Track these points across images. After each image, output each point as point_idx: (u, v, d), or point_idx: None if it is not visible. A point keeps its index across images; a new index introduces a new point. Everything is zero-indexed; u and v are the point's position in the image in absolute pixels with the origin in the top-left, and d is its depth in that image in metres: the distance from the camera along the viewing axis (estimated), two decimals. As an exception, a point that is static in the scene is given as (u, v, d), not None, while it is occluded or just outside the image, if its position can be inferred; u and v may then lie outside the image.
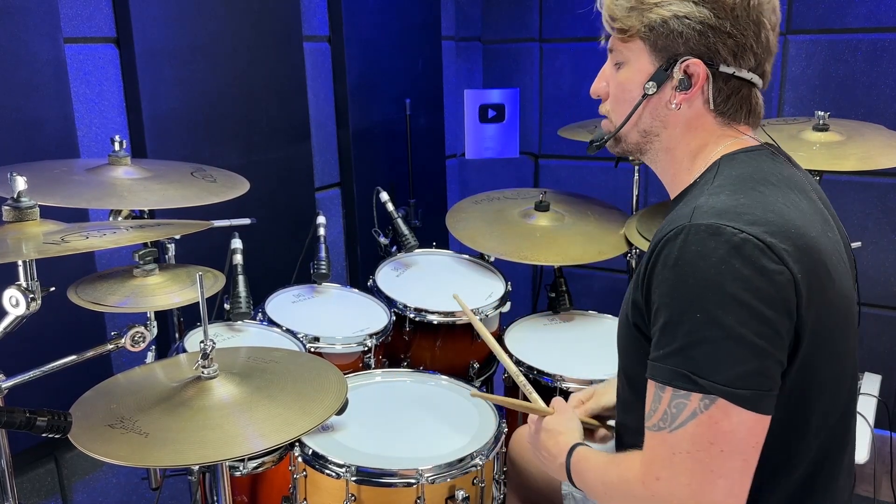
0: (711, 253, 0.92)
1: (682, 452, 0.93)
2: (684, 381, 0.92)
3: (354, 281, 2.68)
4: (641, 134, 1.15)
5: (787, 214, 0.97)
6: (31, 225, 1.17)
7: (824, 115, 1.95)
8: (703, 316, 0.91)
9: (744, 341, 0.90)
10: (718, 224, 0.93)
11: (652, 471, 0.97)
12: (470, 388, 1.70)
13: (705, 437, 0.92)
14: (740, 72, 1.06)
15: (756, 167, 1.05)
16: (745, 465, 0.93)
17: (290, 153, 2.34)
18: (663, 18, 1.05)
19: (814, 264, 0.95)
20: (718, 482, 0.92)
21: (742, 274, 0.90)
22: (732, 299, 0.90)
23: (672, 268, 0.94)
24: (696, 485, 0.93)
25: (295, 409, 1.20)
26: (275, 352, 1.47)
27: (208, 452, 1.09)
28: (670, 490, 0.95)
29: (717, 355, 0.90)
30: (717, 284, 0.90)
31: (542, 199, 2.29)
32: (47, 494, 1.83)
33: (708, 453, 0.92)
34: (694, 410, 0.92)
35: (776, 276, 0.91)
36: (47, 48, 1.65)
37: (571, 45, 3.10)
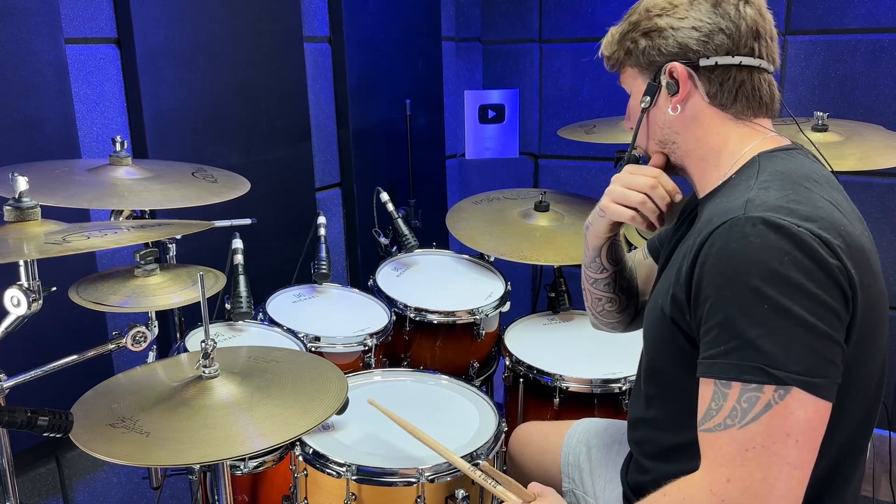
0: (773, 244, 0.91)
1: (756, 447, 0.90)
2: (757, 374, 0.89)
3: (355, 281, 2.69)
4: (661, 145, 1.18)
5: (833, 212, 0.97)
6: (33, 225, 1.17)
7: (823, 115, 1.96)
8: (770, 307, 0.89)
9: (815, 330, 0.89)
10: (777, 218, 0.92)
11: (720, 474, 0.92)
12: (470, 388, 1.71)
13: (781, 429, 0.89)
14: (722, 59, 1.08)
15: (798, 164, 1.05)
16: (813, 453, 0.92)
17: (291, 153, 2.34)
18: (634, 40, 1.14)
19: (862, 261, 0.96)
20: (794, 473, 0.90)
21: (806, 265, 0.90)
22: (799, 289, 0.89)
23: (729, 260, 0.92)
24: (773, 478, 0.89)
25: (295, 409, 1.20)
26: (275, 351, 1.47)
27: (209, 452, 1.09)
28: (744, 489, 0.90)
29: (791, 344, 0.88)
30: (782, 275, 0.89)
31: (542, 199, 2.29)
32: (48, 494, 1.83)
33: (784, 445, 0.89)
34: (768, 402, 0.89)
35: (835, 270, 0.91)
36: (48, 48, 1.65)
37: (571, 46, 3.11)
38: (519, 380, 1.88)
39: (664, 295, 1.06)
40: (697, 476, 0.96)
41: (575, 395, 1.78)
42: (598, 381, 1.77)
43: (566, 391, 1.79)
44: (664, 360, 1.10)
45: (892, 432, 2.39)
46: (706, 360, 0.95)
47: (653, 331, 1.13)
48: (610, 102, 3.03)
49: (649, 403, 1.18)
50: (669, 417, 1.12)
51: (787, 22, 2.64)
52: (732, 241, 0.93)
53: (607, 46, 1.19)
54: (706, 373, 0.95)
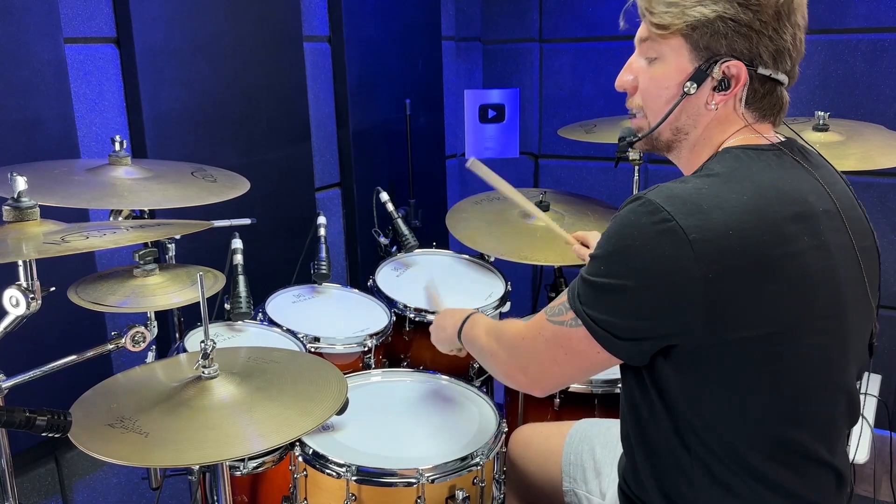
0: (640, 221, 0.99)
1: (546, 337, 1.13)
2: (572, 300, 1.07)
3: (354, 281, 2.68)
4: (674, 132, 1.15)
5: (739, 213, 0.97)
6: (32, 225, 1.17)
7: (824, 115, 1.96)
8: (606, 266, 1.02)
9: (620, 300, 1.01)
10: (660, 205, 0.98)
11: (525, 336, 1.19)
12: (470, 388, 1.70)
13: (564, 342, 1.09)
14: (777, 74, 1.07)
15: (742, 162, 1.05)
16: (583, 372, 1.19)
17: (291, 153, 2.34)
18: (707, 18, 1.03)
19: (749, 264, 0.96)
20: (554, 369, 1.15)
21: (652, 250, 0.97)
22: (629, 265, 0.99)
23: (616, 219, 1.03)
24: (539, 362, 1.16)
25: (295, 410, 1.20)
26: (275, 352, 1.47)
27: (208, 452, 1.08)
28: (524, 352, 1.19)
29: (598, 296, 1.03)
30: (628, 247, 0.99)
31: (542, 199, 2.29)
32: (47, 494, 1.83)
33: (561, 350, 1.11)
34: (569, 321, 1.08)
35: (684, 269, 0.95)
36: (47, 48, 1.65)
37: (571, 45, 3.11)
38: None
39: None
40: (519, 324, 1.23)
41: (575, 395, 1.78)
42: (599, 382, 1.77)
43: (566, 391, 1.78)
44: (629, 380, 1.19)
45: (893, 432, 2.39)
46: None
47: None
48: (610, 102, 3.03)
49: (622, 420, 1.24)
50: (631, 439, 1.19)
51: (788, 22, 2.63)
52: (626, 209, 1.02)
53: (662, 3, 1.07)
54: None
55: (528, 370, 1.20)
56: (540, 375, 1.18)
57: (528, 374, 1.20)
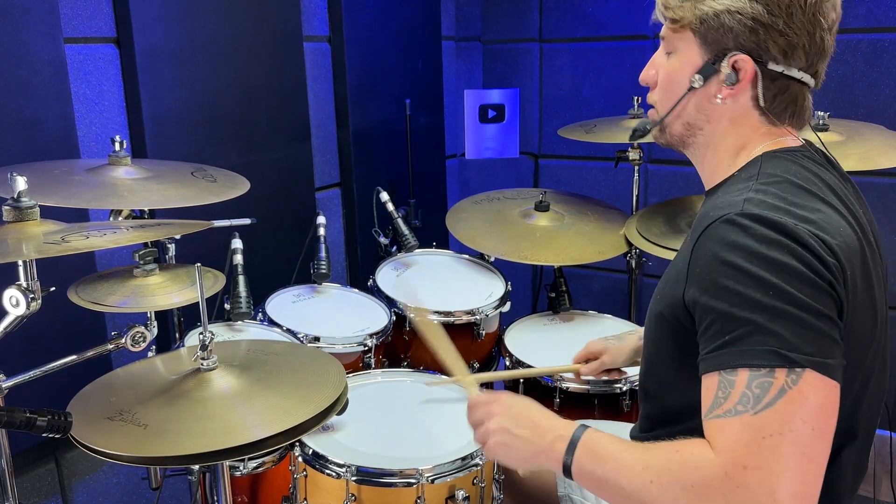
0: (772, 238, 0.90)
1: (774, 435, 0.85)
2: (767, 358, 0.86)
3: (354, 281, 2.68)
4: (685, 126, 1.15)
5: (832, 215, 0.98)
6: (32, 225, 1.17)
7: (824, 115, 1.96)
8: (774, 292, 0.88)
9: (820, 313, 0.88)
10: (774, 216, 0.92)
11: (737, 460, 0.86)
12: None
13: (798, 416, 0.85)
14: (790, 70, 1.06)
15: (797, 169, 1.04)
16: (828, 445, 0.88)
17: (291, 153, 2.34)
18: (716, 11, 1.04)
19: (855, 264, 0.96)
20: (809, 466, 0.86)
21: (804, 256, 0.90)
22: (799, 276, 0.88)
23: (728, 251, 0.92)
24: (791, 471, 0.85)
25: (294, 399, 1.20)
26: (275, 345, 1.47)
27: (207, 442, 1.08)
28: (761, 480, 0.85)
29: (799, 327, 0.87)
30: (781, 262, 0.89)
31: (542, 199, 2.29)
32: (47, 494, 1.83)
33: (801, 433, 0.85)
34: (782, 387, 0.86)
35: (832, 266, 0.91)
36: (47, 48, 1.65)
37: (571, 45, 3.10)
38: (519, 380, 1.88)
39: (663, 293, 1.06)
40: (712, 455, 0.89)
41: (575, 395, 1.78)
42: (599, 382, 1.77)
43: (566, 391, 1.78)
44: (661, 357, 1.09)
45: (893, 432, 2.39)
46: (709, 353, 0.92)
47: (651, 329, 1.12)
48: (610, 102, 3.02)
49: (646, 398, 1.18)
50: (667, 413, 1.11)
51: (788, 22, 2.63)
52: (731, 233, 0.92)
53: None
54: (710, 367, 0.92)
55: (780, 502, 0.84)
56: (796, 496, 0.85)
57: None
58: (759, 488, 0.85)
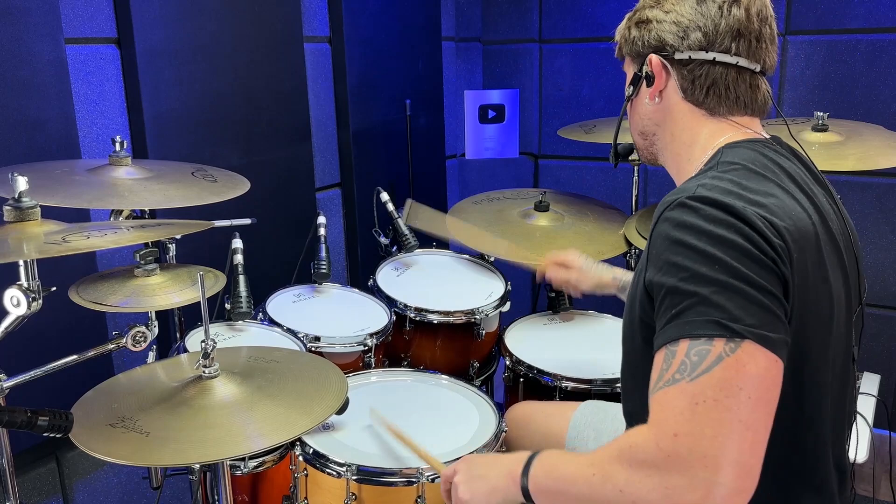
0: (721, 217, 0.93)
1: (707, 400, 0.84)
2: (707, 328, 0.86)
3: (355, 281, 2.69)
4: (642, 136, 1.23)
5: (786, 199, 0.99)
6: (33, 225, 1.17)
7: (823, 115, 1.96)
8: (720, 267, 0.89)
9: (764, 289, 0.89)
10: (725, 200, 0.94)
11: (667, 428, 0.86)
12: (470, 387, 1.71)
13: (734, 382, 0.84)
14: (696, 54, 1.09)
15: (755, 156, 1.06)
16: (768, 417, 0.87)
17: (291, 153, 2.34)
18: (629, 29, 1.18)
19: (806, 249, 0.97)
20: (747, 434, 0.84)
21: (751, 236, 0.91)
22: (747, 253, 0.90)
23: (678, 231, 0.94)
24: (724, 436, 0.83)
25: (296, 409, 1.20)
26: (276, 352, 1.48)
27: (209, 451, 1.09)
28: (692, 446, 0.83)
29: (743, 300, 0.87)
30: (729, 240, 0.90)
31: (542, 199, 2.30)
32: (48, 494, 1.83)
33: (737, 400, 0.84)
34: (719, 354, 0.85)
35: (777, 247, 0.92)
36: (48, 49, 1.65)
37: (571, 46, 3.11)
38: (519, 380, 1.88)
39: (635, 286, 1.08)
40: (644, 428, 0.89)
41: (575, 395, 1.78)
42: (598, 382, 1.77)
43: (566, 391, 1.78)
44: (634, 352, 1.11)
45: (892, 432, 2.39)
46: (659, 331, 0.93)
47: (625, 325, 1.15)
48: (610, 102, 3.03)
49: (627, 396, 1.21)
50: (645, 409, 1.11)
51: (787, 22, 2.64)
52: (682, 215, 0.95)
53: (617, 33, 1.23)
54: (658, 344, 0.92)
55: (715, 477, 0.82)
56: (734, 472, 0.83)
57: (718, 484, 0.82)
58: (691, 455, 0.83)
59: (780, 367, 0.89)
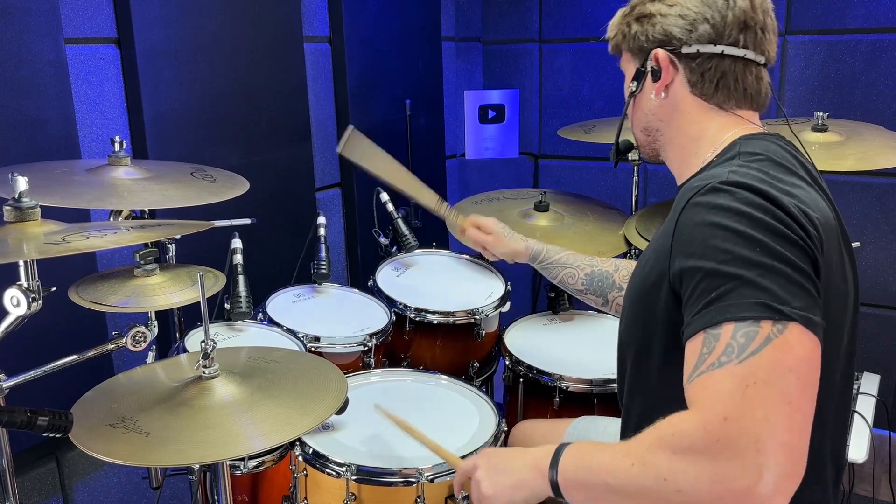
0: (758, 202, 0.91)
1: (758, 383, 0.81)
2: (754, 310, 0.84)
3: (354, 281, 2.69)
4: (645, 133, 1.21)
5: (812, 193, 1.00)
6: (32, 225, 1.17)
7: (823, 115, 1.96)
8: (762, 249, 0.87)
9: (806, 273, 0.88)
10: (759, 186, 0.93)
11: (716, 412, 0.82)
12: (470, 387, 1.71)
13: (784, 364, 0.82)
14: (705, 48, 1.09)
15: (776, 148, 1.07)
16: (813, 400, 0.84)
17: (291, 153, 2.34)
18: (629, 24, 1.16)
19: (832, 241, 0.98)
20: (796, 417, 0.82)
21: (789, 222, 0.90)
22: (786, 237, 0.89)
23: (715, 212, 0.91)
24: (776, 418, 0.80)
25: (296, 409, 1.20)
26: (275, 352, 1.48)
27: (209, 452, 1.09)
28: (743, 429, 0.80)
29: (789, 282, 0.86)
30: (770, 224, 0.89)
31: (542, 199, 2.30)
32: (48, 494, 1.83)
33: (787, 381, 0.82)
34: (768, 336, 0.83)
35: (812, 235, 0.92)
36: (48, 49, 1.65)
37: (571, 46, 3.11)
38: (519, 380, 1.88)
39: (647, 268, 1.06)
40: (689, 414, 0.86)
41: (575, 395, 1.78)
42: (598, 381, 1.77)
43: (566, 391, 1.79)
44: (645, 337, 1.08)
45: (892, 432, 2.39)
46: (694, 317, 0.89)
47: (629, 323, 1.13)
48: (610, 102, 3.03)
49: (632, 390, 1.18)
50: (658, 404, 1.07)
51: (787, 22, 2.64)
52: (718, 198, 0.93)
53: (610, 28, 1.21)
54: (694, 329, 0.88)
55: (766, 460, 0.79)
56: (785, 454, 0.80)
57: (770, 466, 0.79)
58: (742, 438, 0.80)
59: (820, 351, 0.87)
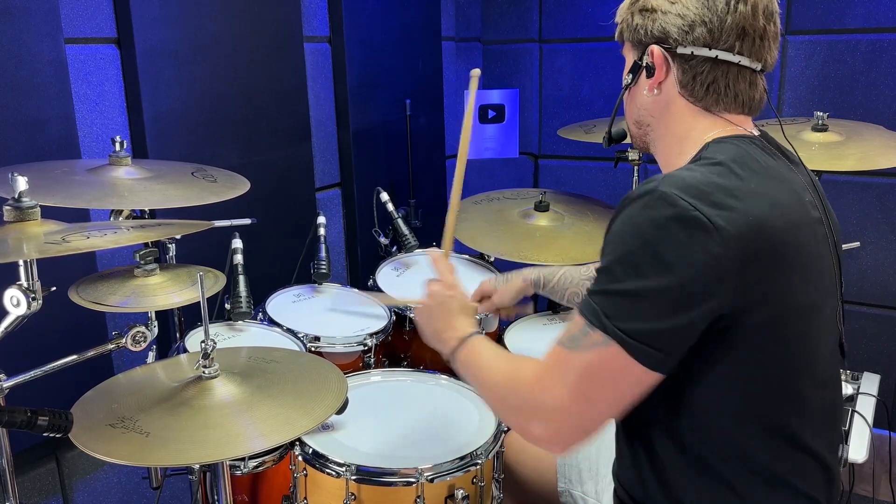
0: (660, 215, 0.95)
1: (570, 371, 1.01)
2: (594, 317, 0.98)
3: (355, 281, 2.69)
4: (637, 125, 1.22)
5: (754, 200, 0.98)
6: (33, 225, 1.17)
7: (823, 115, 1.96)
8: (630, 269, 0.96)
9: (659, 303, 0.94)
10: (677, 195, 0.95)
11: (543, 379, 1.05)
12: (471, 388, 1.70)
13: (595, 368, 0.99)
14: (700, 50, 1.08)
15: (738, 152, 1.06)
16: (617, 403, 1.02)
17: (291, 153, 2.34)
18: (632, 15, 1.15)
19: (771, 249, 0.97)
20: (585, 405, 1.01)
21: (681, 242, 0.93)
22: (662, 262, 0.94)
23: (622, 220, 0.99)
24: (566, 401, 1.01)
25: (295, 409, 1.20)
26: (275, 352, 1.48)
27: (209, 452, 1.09)
28: (550, 400, 1.03)
29: (630, 306, 0.96)
30: (654, 244, 0.94)
31: (542, 199, 2.30)
32: (48, 494, 1.83)
33: (591, 381, 1.00)
34: (595, 342, 0.98)
35: (716, 257, 0.93)
36: (48, 49, 1.65)
37: (571, 46, 3.11)
38: (519, 380, 1.88)
39: None
40: (530, 369, 1.07)
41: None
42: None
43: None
44: None
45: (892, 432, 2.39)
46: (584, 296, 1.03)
47: None
48: (610, 103, 3.03)
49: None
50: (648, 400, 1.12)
51: (787, 22, 2.64)
52: (635, 207, 0.98)
53: (618, 14, 1.21)
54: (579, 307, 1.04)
55: (550, 420, 1.05)
56: (564, 424, 1.04)
57: (550, 425, 1.05)
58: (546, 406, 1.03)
59: (643, 372, 0.97)
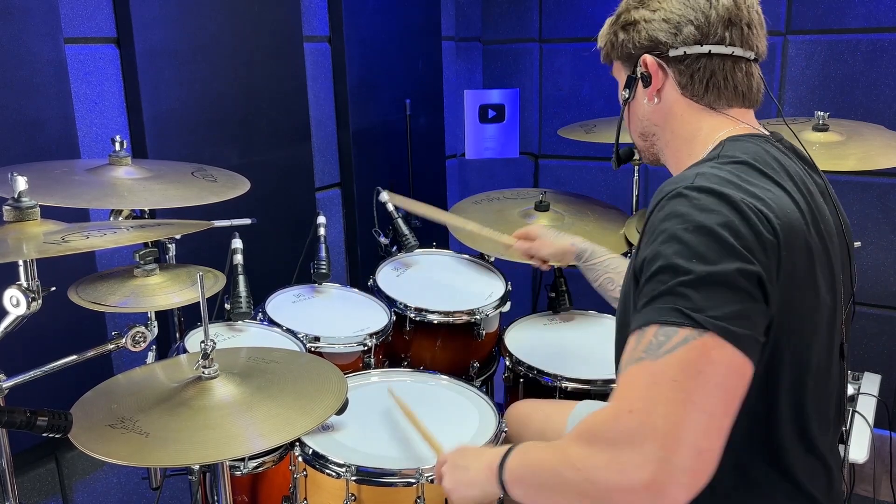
0: (713, 208, 0.92)
1: (666, 381, 0.84)
2: (675, 316, 0.87)
3: (354, 281, 2.68)
4: (642, 138, 1.23)
5: (783, 197, 0.99)
6: (32, 225, 1.17)
7: (824, 115, 1.96)
8: (699, 260, 0.89)
9: (738, 286, 0.88)
10: (722, 189, 0.94)
11: (625, 404, 0.86)
12: (470, 388, 1.71)
13: (695, 365, 0.84)
14: (691, 49, 1.09)
15: (757, 150, 1.06)
16: (727, 408, 0.86)
17: (291, 153, 2.34)
18: (615, 33, 1.17)
19: (797, 247, 0.97)
20: (700, 417, 0.83)
21: (741, 231, 0.91)
22: (731, 250, 0.89)
23: (666, 217, 0.94)
24: (676, 416, 0.82)
25: (295, 409, 1.20)
26: (275, 352, 1.47)
27: (209, 452, 1.09)
28: (644, 422, 0.83)
29: (712, 294, 0.87)
30: (716, 234, 0.90)
31: (542, 199, 2.30)
32: (48, 494, 1.83)
33: (696, 382, 0.84)
34: (685, 337, 0.85)
35: (769, 244, 0.92)
36: (48, 48, 1.65)
37: (571, 46, 3.11)
38: (519, 380, 1.88)
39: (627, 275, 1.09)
40: (607, 406, 0.90)
41: (575, 395, 1.78)
42: (599, 382, 1.77)
43: (566, 391, 1.78)
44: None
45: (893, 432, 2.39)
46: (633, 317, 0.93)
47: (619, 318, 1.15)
48: (610, 102, 3.03)
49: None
50: None
51: (788, 22, 2.64)
52: (677, 204, 0.95)
53: (600, 38, 1.23)
54: (632, 329, 0.92)
55: (662, 450, 0.81)
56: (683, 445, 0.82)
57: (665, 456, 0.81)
58: (642, 430, 0.83)
59: (747, 365, 0.88)
